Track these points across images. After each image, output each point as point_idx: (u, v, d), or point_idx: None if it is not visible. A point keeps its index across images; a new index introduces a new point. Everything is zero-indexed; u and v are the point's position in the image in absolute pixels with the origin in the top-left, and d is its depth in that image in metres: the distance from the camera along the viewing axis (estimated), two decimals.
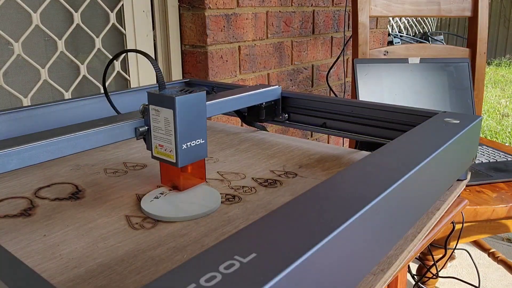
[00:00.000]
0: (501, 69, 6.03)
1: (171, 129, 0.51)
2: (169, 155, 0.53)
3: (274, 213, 0.33)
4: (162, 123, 0.52)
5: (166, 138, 0.53)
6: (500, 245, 1.87)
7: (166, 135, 0.52)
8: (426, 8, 1.38)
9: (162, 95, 0.51)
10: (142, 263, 0.41)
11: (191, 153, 0.53)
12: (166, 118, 0.52)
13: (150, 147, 0.55)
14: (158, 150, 0.54)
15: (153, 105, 0.53)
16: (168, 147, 0.53)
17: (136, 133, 0.55)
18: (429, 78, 1.26)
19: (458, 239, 1.04)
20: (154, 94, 0.52)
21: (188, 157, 0.53)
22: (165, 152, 0.53)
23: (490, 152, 1.24)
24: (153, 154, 0.55)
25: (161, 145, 0.53)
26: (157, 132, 0.53)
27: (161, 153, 0.54)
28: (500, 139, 3.23)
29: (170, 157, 0.53)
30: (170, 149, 0.52)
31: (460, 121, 0.58)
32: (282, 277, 0.26)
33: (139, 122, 0.55)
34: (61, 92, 1.05)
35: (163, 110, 0.51)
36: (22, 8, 0.95)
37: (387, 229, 0.39)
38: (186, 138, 0.52)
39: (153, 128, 0.54)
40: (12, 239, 0.45)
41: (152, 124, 0.54)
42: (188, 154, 0.53)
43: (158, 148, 0.54)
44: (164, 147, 0.53)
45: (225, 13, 1.20)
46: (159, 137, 0.53)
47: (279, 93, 0.77)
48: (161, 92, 0.52)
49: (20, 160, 0.47)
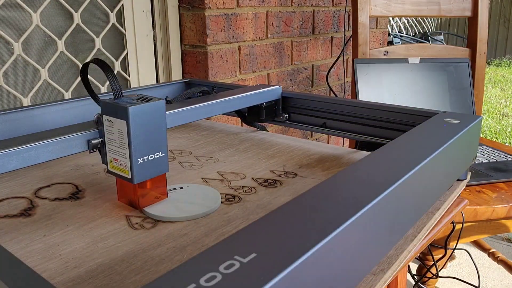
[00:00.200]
0: (501, 69, 6.03)
1: (125, 142, 0.47)
2: (124, 170, 0.48)
3: (274, 213, 0.33)
4: (116, 135, 0.48)
5: (120, 151, 0.48)
6: (500, 245, 1.87)
7: (120, 148, 0.48)
8: (426, 8, 1.38)
9: (115, 105, 0.47)
10: (142, 263, 0.41)
11: (149, 168, 0.49)
12: (119, 130, 0.47)
13: (105, 161, 0.51)
14: (113, 165, 0.49)
15: (106, 116, 0.48)
16: (123, 161, 0.48)
17: (89, 146, 0.50)
18: (429, 78, 1.26)
19: (458, 239, 1.04)
20: (107, 103, 0.48)
21: (146, 172, 0.49)
22: (120, 167, 0.49)
23: (490, 152, 1.24)
24: (108, 169, 0.51)
25: (115, 159, 0.49)
26: (111, 144, 0.49)
27: (116, 167, 0.49)
28: (500, 139, 3.23)
29: (125, 172, 0.48)
30: (125, 164, 0.48)
31: (460, 121, 0.58)
32: (282, 277, 0.26)
33: (92, 133, 0.51)
34: (61, 92, 1.05)
35: (117, 121, 0.47)
36: (22, 8, 0.95)
37: (387, 229, 0.39)
38: (142, 151, 0.48)
39: (107, 141, 0.49)
40: (12, 239, 0.45)
41: (106, 136, 0.49)
42: (145, 169, 0.48)
43: (113, 162, 0.49)
44: (119, 161, 0.48)
45: (225, 13, 1.20)
46: (113, 151, 0.49)
47: (280, 93, 0.77)
48: (115, 101, 0.47)
49: (21, 160, 0.46)
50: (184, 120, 0.62)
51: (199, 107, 0.64)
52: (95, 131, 0.51)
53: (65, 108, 0.70)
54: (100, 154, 0.52)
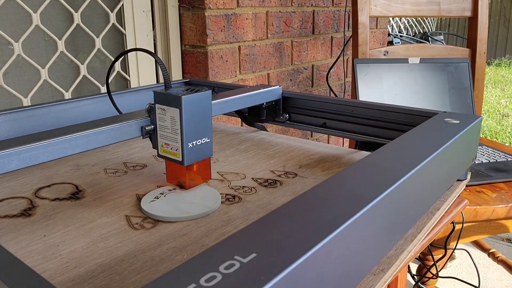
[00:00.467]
0: (501, 69, 6.03)
1: (177, 128, 0.52)
2: (175, 154, 0.53)
3: (274, 213, 0.33)
4: (168, 122, 0.53)
5: (172, 137, 0.53)
6: (500, 245, 1.87)
7: (172, 134, 0.53)
8: (426, 8, 1.38)
9: (168, 94, 0.51)
10: (142, 263, 0.41)
11: (197, 152, 0.54)
12: (172, 117, 0.52)
13: (156, 145, 0.56)
14: (164, 149, 0.54)
15: (159, 104, 0.53)
16: (174, 145, 0.53)
17: (142, 132, 0.56)
18: (429, 78, 1.26)
19: (458, 239, 1.04)
20: (160, 93, 0.52)
21: (194, 156, 0.54)
22: (171, 151, 0.54)
23: (490, 152, 1.24)
24: (159, 153, 0.55)
25: (167, 143, 0.54)
26: (163, 131, 0.54)
27: (167, 151, 0.54)
28: (500, 139, 3.23)
29: (176, 156, 0.53)
30: (176, 148, 0.53)
31: (460, 121, 0.58)
32: (282, 277, 0.26)
33: (145, 121, 0.56)
34: (61, 92, 1.05)
35: (170, 109, 0.52)
36: (22, 8, 0.95)
37: (387, 229, 0.39)
38: (192, 137, 0.53)
39: (159, 127, 0.54)
40: (12, 239, 0.45)
41: (158, 123, 0.54)
42: (193, 153, 0.53)
43: (164, 147, 0.54)
44: (170, 146, 0.53)
45: (225, 13, 1.20)
46: (165, 136, 0.54)
47: (280, 93, 0.77)
48: (167, 91, 0.52)
49: (21, 161, 0.46)
50: None
51: None
52: (147, 119, 0.56)
53: (65, 108, 0.70)
54: (150, 140, 0.57)
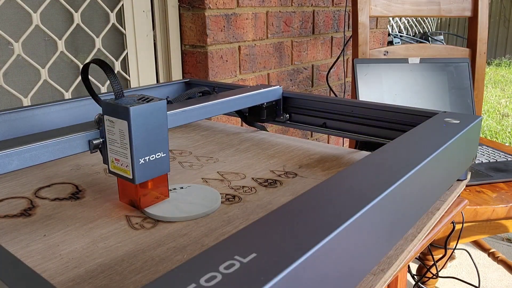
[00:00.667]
0: (501, 69, 6.03)
1: (127, 142, 0.47)
2: (126, 171, 0.49)
3: (274, 213, 0.33)
4: (118, 135, 0.48)
5: (121, 152, 0.48)
6: (500, 245, 1.87)
7: (121, 148, 0.48)
8: (426, 8, 1.38)
9: (116, 105, 0.47)
10: (142, 263, 0.41)
11: (150, 168, 0.49)
12: (121, 130, 0.47)
13: (106, 161, 0.51)
14: (114, 165, 0.50)
15: (107, 116, 0.48)
16: (124, 161, 0.48)
17: (90, 146, 0.51)
18: (429, 78, 1.26)
19: (458, 239, 1.04)
20: (108, 103, 0.48)
21: (147, 172, 0.49)
22: (121, 167, 0.49)
23: (490, 152, 1.24)
24: (109, 169, 0.51)
25: (117, 159, 0.49)
26: (112, 145, 0.49)
27: (117, 168, 0.50)
28: (500, 139, 3.23)
29: (126, 173, 0.49)
30: (126, 164, 0.48)
31: (460, 121, 0.58)
32: (282, 277, 0.26)
33: (93, 134, 0.51)
34: (61, 92, 1.05)
35: (118, 121, 0.47)
36: (22, 8, 0.96)
37: (387, 229, 0.39)
38: (143, 152, 0.48)
39: (108, 141, 0.49)
40: (12, 239, 0.45)
41: (107, 136, 0.49)
42: (146, 169, 0.49)
43: (115, 163, 0.50)
44: (120, 162, 0.49)
45: (225, 13, 1.20)
46: (115, 151, 0.49)
47: (280, 93, 0.77)
48: (116, 101, 0.48)
49: (21, 161, 0.46)
50: (185, 120, 0.62)
51: (200, 107, 0.64)
52: (96, 131, 0.51)
53: (65, 108, 0.70)
54: (101, 154, 0.52)
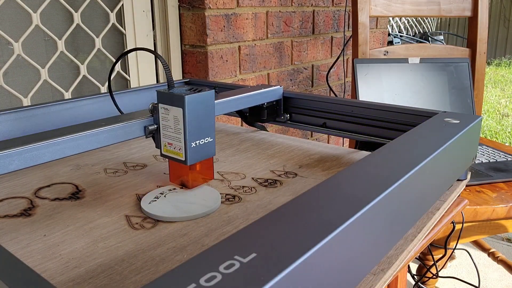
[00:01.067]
0: (501, 69, 6.03)
1: (181, 127, 0.52)
2: (178, 153, 0.53)
3: (274, 213, 0.33)
4: (172, 122, 0.53)
5: (175, 136, 0.53)
6: (500, 245, 1.87)
7: (175, 133, 0.53)
8: (426, 8, 1.38)
9: (171, 94, 0.52)
10: (142, 263, 0.41)
11: (200, 151, 0.54)
12: (175, 116, 0.52)
13: (159, 145, 0.56)
14: (167, 148, 0.55)
15: (162, 104, 0.53)
16: (177, 145, 0.53)
17: (146, 132, 0.56)
18: (429, 78, 1.26)
19: (458, 239, 1.04)
20: (163, 93, 0.53)
21: (197, 155, 0.54)
22: (174, 150, 0.54)
23: (490, 152, 1.24)
24: (162, 152, 0.56)
25: (170, 143, 0.54)
26: (166, 130, 0.54)
27: (170, 151, 0.54)
28: (500, 139, 3.23)
29: (179, 155, 0.53)
30: (179, 147, 0.53)
31: (460, 121, 0.58)
32: (282, 277, 0.26)
33: (148, 120, 0.56)
34: (61, 92, 1.05)
35: (173, 108, 0.52)
36: (22, 8, 0.95)
37: (387, 229, 0.39)
38: (195, 136, 0.53)
39: (162, 127, 0.54)
40: (12, 239, 0.45)
41: (161, 122, 0.54)
42: (197, 152, 0.54)
43: (167, 146, 0.55)
44: (173, 145, 0.54)
45: (225, 13, 1.20)
46: (168, 136, 0.54)
47: (281, 93, 0.77)
48: (170, 91, 0.53)
49: (22, 161, 0.46)
50: None
51: None
52: (150, 118, 0.56)
53: (65, 108, 0.70)
54: (153, 140, 0.57)
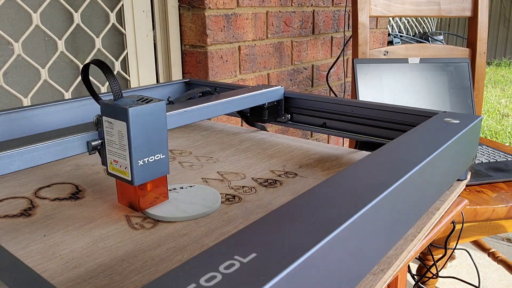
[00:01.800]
0: (501, 69, 6.02)
1: (125, 143, 0.46)
2: (124, 172, 0.48)
3: (274, 213, 0.33)
4: (116, 137, 0.47)
5: (120, 153, 0.48)
6: (500, 245, 1.87)
7: (120, 150, 0.47)
8: (426, 8, 1.38)
9: (115, 106, 0.46)
10: (142, 263, 0.41)
11: (150, 169, 0.48)
12: (119, 131, 0.47)
13: (104, 162, 0.51)
14: (113, 166, 0.49)
15: (106, 117, 0.48)
16: (123, 163, 0.48)
17: (88, 147, 0.50)
18: (429, 78, 1.26)
19: (458, 239, 1.04)
20: (107, 104, 0.47)
21: (146, 174, 0.48)
22: (120, 168, 0.48)
23: (490, 152, 1.24)
24: (108, 171, 0.50)
25: (116, 160, 0.48)
26: (111, 146, 0.48)
27: (116, 169, 0.49)
28: (500, 139, 3.23)
29: (125, 174, 0.48)
30: (125, 166, 0.48)
31: (460, 121, 0.58)
32: (282, 277, 0.26)
33: (92, 135, 0.51)
34: (61, 92, 1.05)
35: (117, 122, 0.47)
36: (22, 8, 0.95)
37: (387, 229, 0.39)
38: (142, 153, 0.47)
39: (107, 142, 0.49)
40: (12, 239, 0.45)
41: (106, 137, 0.49)
42: (145, 171, 0.48)
43: (113, 164, 0.49)
44: (119, 163, 0.48)
45: (225, 13, 1.20)
46: (113, 152, 0.48)
47: (282, 93, 0.77)
48: (115, 102, 0.47)
49: (23, 162, 0.46)
50: (187, 120, 0.62)
51: (202, 108, 0.64)
52: (95, 133, 0.51)
53: (65, 108, 0.70)
54: (100, 155, 0.52)
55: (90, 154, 0.52)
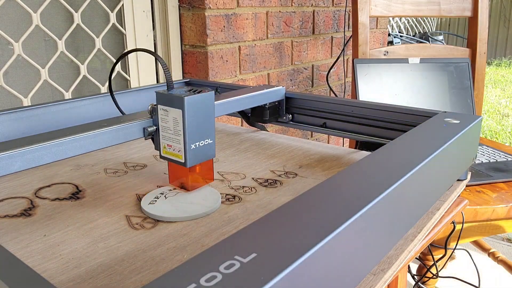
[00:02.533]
0: (501, 69, 6.02)
1: (180, 129, 0.51)
2: (178, 155, 0.53)
3: (274, 213, 0.33)
4: (171, 123, 0.52)
5: (174, 138, 0.52)
6: (500, 245, 1.87)
7: (174, 135, 0.52)
8: (426, 8, 1.38)
9: (171, 95, 0.51)
10: (142, 263, 0.41)
11: (200, 153, 0.53)
12: (175, 118, 0.52)
13: (158, 147, 0.55)
14: (166, 150, 0.54)
15: (161, 105, 0.53)
16: (176, 147, 0.53)
17: (145, 133, 0.55)
18: (429, 78, 1.26)
19: (458, 239, 1.04)
20: (163, 94, 0.52)
21: (197, 157, 0.53)
22: (174, 152, 0.53)
23: (490, 152, 1.24)
24: (161, 154, 0.55)
25: (169, 145, 0.53)
26: (165, 132, 0.53)
27: (169, 153, 0.54)
28: (500, 139, 3.23)
29: (178, 157, 0.53)
30: (178, 149, 0.52)
31: (460, 121, 0.58)
32: (282, 277, 0.26)
33: (147, 122, 0.55)
34: (61, 92, 1.05)
35: (172, 110, 0.51)
36: (22, 8, 0.96)
37: (387, 229, 0.39)
38: (194, 138, 0.52)
39: (161, 128, 0.54)
40: (12, 239, 0.45)
41: (160, 124, 0.54)
42: (196, 154, 0.53)
43: (167, 148, 0.54)
44: (173, 147, 0.53)
45: (225, 13, 1.20)
46: (167, 137, 0.53)
47: (283, 93, 0.77)
48: (169, 92, 0.52)
49: (24, 162, 0.46)
50: None
51: None
52: (150, 120, 0.55)
53: (65, 108, 0.70)
54: (152, 141, 0.56)
55: (145, 139, 0.58)
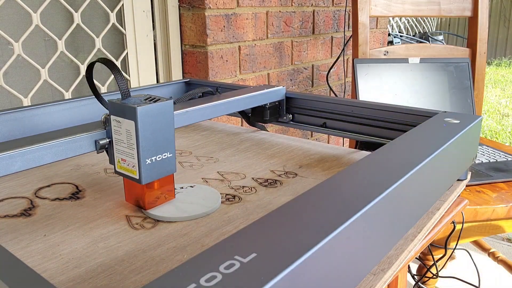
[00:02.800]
0: (501, 69, 6.02)
1: (133, 142, 0.47)
2: (132, 171, 0.48)
3: (274, 213, 0.33)
4: (124, 136, 0.47)
5: (128, 152, 0.48)
6: (500, 245, 1.87)
7: (128, 148, 0.48)
8: (426, 8, 1.38)
9: (123, 105, 0.46)
10: (142, 263, 0.41)
11: (157, 168, 0.49)
12: (127, 130, 0.47)
13: (112, 161, 0.51)
14: (120, 165, 0.49)
15: (114, 116, 0.48)
16: (130, 161, 0.48)
17: (96, 146, 0.50)
18: (429, 78, 1.26)
19: (458, 239, 1.04)
20: (115, 103, 0.47)
21: (153, 173, 0.48)
22: (128, 167, 0.48)
23: (490, 152, 1.24)
24: (115, 169, 0.50)
25: (123, 159, 0.49)
26: (119, 145, 0.49)
27: (124, 168, 0.49)
28: (500, 139, 3.23)
29: (133, 173, 0.48)
30: (133, 164, 0.48)
31: (460, 121, 0.58)
32: (282, 277, 0.26)
33: (99, 134, 0.51)
34: (61, 92, 1.05)
35: (125, 121, 0.47)
36: (22, 8, 0.95)
37: (387, 229, 0.39)
38: (150, 152, 0.47)
39: (115, 141, 0.49)
40: (12, 239, 0.45)
41: (114, 136, 0.49)
42: (153, 169, 0.48)
43: (121, 163, 0.49)
44: (127, 162, 0.48)
45: (225, 13, 1.20)
46: (121, 151, 0.49)
47: (284, 93, 0.77)
48: (123, 101, 0.47)
49: (25, 162, 0.46)
50: (189, 120, 0.62)
51: (204, 108, 0.64)
52: (103, 131, 0.51)
53: (65, 108, 0.70)
54: (107, 154, 0.52)
55: (98, 153, 0.52)
